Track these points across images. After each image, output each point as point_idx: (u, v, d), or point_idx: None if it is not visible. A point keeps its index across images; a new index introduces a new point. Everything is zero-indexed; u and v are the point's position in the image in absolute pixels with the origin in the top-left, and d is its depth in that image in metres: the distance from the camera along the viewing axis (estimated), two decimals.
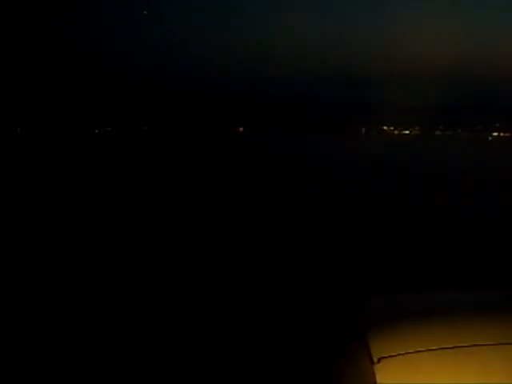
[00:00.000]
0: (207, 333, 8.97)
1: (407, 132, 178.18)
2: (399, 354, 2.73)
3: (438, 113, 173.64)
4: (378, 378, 2.63)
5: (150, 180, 37.23)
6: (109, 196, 28.42)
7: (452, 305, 3.28)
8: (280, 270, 13.80)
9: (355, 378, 2.79)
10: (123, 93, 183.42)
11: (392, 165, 52.97)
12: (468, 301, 3.38)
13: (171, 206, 25.26)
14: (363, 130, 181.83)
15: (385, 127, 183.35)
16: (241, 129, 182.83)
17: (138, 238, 17.58)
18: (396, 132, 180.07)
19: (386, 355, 2.73)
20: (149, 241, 17.12)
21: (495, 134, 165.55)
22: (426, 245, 16.36)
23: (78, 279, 12.55)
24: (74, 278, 12.71)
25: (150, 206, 25.02)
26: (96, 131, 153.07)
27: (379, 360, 2.71)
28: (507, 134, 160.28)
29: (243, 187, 32.26)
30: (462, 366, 2.70)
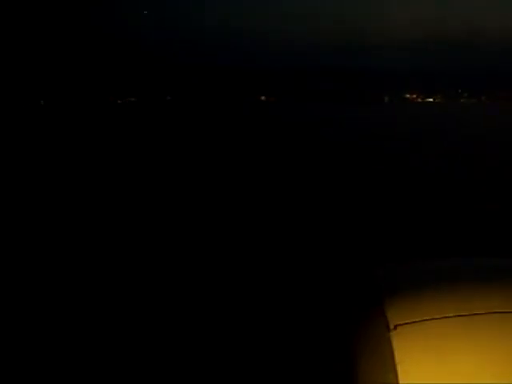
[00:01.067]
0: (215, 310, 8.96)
1: (431, 100, 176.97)
2: (415, 321, 2.76)
3: (462, 80, 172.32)
4: (395, 345, 2.66)
5: (174, 150, 37.25)
6: (135, 168, 28.79)
7: (469, 272, 3.27)
8: (304, 236, 13.97)
9: (372, 344, 2.83)
10: (147, 63, 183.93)
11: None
12: (486, 268, 3.36)
13: (196, 174, 25.59)
14: (386, 98, 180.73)
15: (407, 95, 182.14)
16: (263, 97, 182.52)
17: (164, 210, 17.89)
18: (419, 100, 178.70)
19: (401, 322, 2.75)
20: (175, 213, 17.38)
21: None
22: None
23: (84, 265, 12.45)
24: (82, 263, 12.62)
25: (174, 176, 25.41)
26: (119, 101, 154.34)
27: (395, 327, 2.73)
28: None
29: (271, 160, 31.71)
30: (479, 332, 2.72)
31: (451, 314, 2.77)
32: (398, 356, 2.63)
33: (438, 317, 2.76)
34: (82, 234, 14.65)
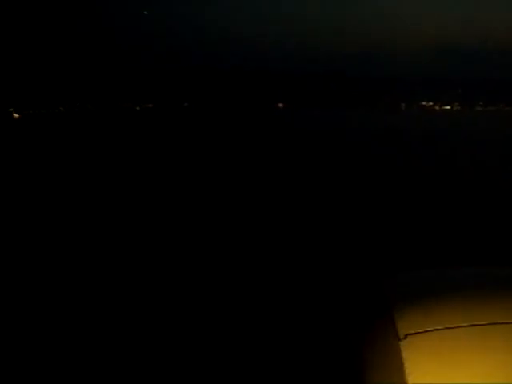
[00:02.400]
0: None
1: (448, 107, 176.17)
2: (426, 331, 2.74)
3: (478, 87, 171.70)
4: (404, 354, 2.64)
5: (189, 157, 37.45)
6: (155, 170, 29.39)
7: (482, 281, 3.23)
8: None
9: (381, 354, 2.80)
10: (164, 70, 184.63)
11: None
12: (499, 277, 3.31)
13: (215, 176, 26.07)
14: (403, 105, 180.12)
15: (424, 103, 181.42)
16: (280, 105, 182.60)
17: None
18: (437, 108, 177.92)
19: (412, 332, 2.74)
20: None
21: None
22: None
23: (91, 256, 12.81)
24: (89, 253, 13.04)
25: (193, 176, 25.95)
26: (137, 108, 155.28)
27: (405, 336, 2.73)
28: None
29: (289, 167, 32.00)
30: (491, 343, 2.68)
31: (463, 324, 2.75)
32: (408, 366, 2.62)
33: (449, 326, 2.74)
34: (96, 237, 14.86)
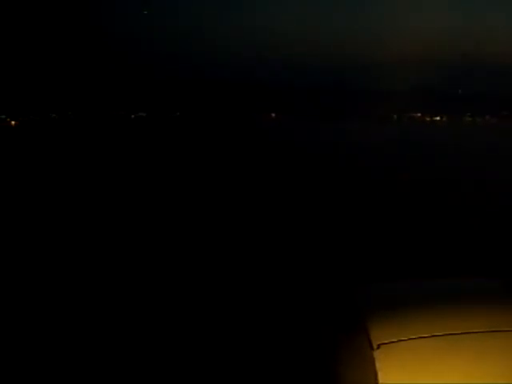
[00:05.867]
0: (207, 330, 8.88)
1: (437, 118, 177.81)
2: (399, 340, 2.78)
3: (464, 99, 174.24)
4: (378, 364, 2.67)
5: (185, 162, 38.05)
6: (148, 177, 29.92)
7: (451, 292, 3.28)
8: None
9: (355, 364, 2.83)
10: (157, 80, 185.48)
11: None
12: (467, 288, 3.39)
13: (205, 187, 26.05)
14: (395, 116, 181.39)
15: (415, 114, 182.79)
16: (273, 115, 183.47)
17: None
18: (427, 118, 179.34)
19: (385, 341, 2.79)
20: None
21: None
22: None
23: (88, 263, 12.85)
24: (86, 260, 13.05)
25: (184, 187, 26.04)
26: (132, 116, 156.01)
27: (379, 346, 2.76)
28: None
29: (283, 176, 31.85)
30: (462, 352, 2.73)
31: (436, 334, 2.80)
32: (381, 375, 2.69)
33: (422, 336, 2.80)
34: (89, 244, 14.99)
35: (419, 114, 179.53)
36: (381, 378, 2.63)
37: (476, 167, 37.07)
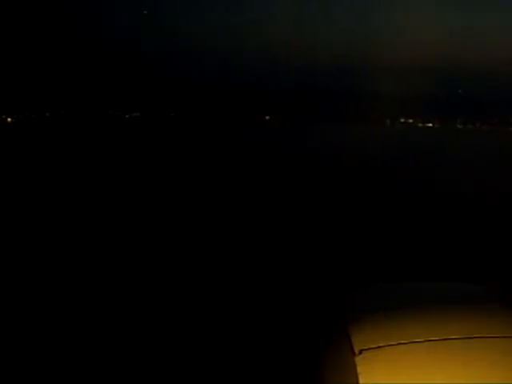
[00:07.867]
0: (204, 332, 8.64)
1: (430, 125, 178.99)
2: (380, 346, 2.74)
3: (457, 106, 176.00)
4: (359, 369, 2.63)
5: (178, 164, 37.16)
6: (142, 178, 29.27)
7: (436, 297, 3.24)
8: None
9: (337, 369, 2.79)
10: (153, 80, 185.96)
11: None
12: (452, 293, 3.35)
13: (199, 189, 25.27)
14: (388, 121, 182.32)
15: (405, 119, 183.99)
16: (267, 117, 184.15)
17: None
18: (420, 125, 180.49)
19: (366, 347, 2.73)
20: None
21: None
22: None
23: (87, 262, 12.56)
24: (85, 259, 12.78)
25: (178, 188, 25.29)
26: (127, 116, 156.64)
27: (360, 352, 2.72)
28: None
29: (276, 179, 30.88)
30: (444, 358, 2.69)
31: (417, 340, 2.74)
32: (363, 381, 2.62)
33: (402, 342, 2.74)
34: (86, 245, 14.48)
35: (411, 121, 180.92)
36: (362, 383, 2.64)
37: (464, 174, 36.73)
